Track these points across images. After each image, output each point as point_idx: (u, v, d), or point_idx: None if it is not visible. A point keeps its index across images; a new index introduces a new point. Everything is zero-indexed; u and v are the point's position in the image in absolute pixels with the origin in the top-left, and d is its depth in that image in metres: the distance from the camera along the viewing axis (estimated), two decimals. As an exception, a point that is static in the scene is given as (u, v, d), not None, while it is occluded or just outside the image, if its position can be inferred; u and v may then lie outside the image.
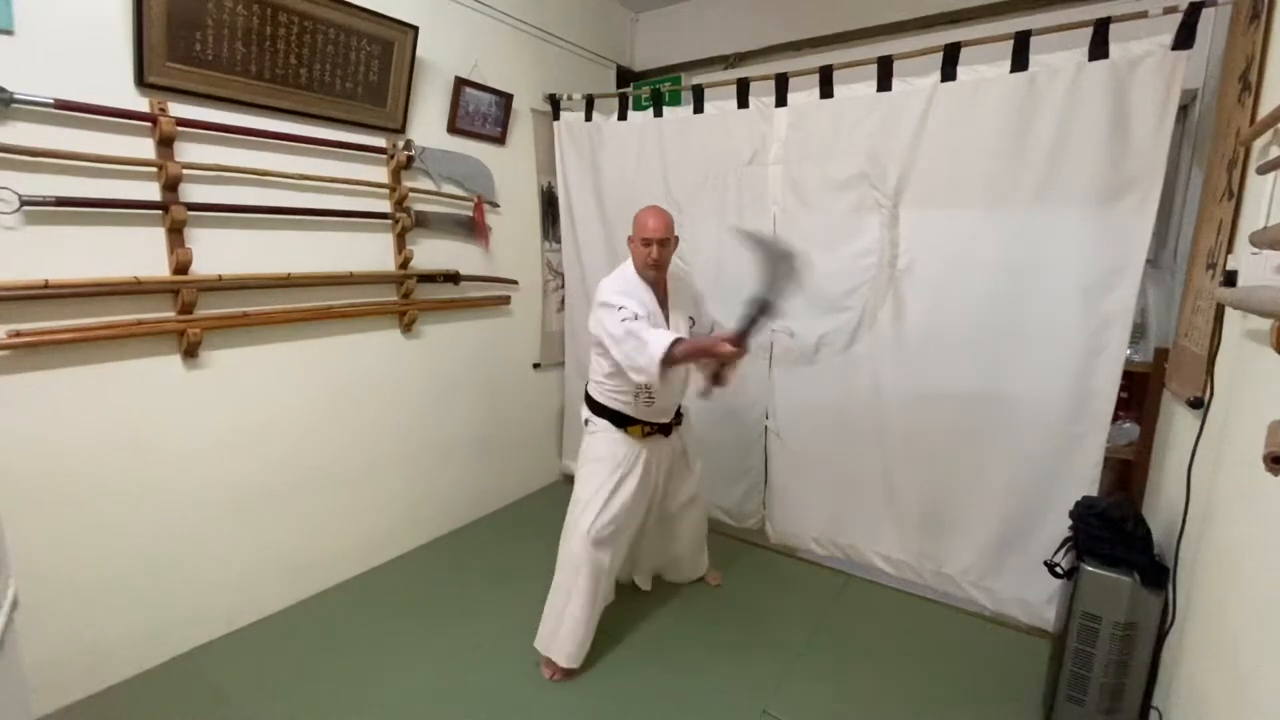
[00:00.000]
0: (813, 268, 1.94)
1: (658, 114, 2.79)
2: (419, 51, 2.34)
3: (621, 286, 1.87)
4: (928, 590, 2.41)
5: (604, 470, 1.92)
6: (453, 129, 2.66)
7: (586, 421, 2.02)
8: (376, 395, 2.49)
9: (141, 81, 1.75)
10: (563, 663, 1.90)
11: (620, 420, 1.95)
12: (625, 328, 1.73)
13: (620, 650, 2.06)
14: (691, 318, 2.04)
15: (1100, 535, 1.63)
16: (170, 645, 1.97)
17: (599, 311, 1.84)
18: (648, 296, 1.89)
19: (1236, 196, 1.40)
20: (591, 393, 2.01)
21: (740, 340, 1.65)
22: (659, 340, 1.67)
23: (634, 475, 1.94)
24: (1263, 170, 1.13)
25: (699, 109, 2.67)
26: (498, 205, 2.91)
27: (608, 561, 1.94)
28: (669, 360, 1.66)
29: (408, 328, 2.56)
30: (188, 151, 1.87)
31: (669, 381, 1.80)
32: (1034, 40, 1.96)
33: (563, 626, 1.90)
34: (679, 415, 2.09)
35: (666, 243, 1.88)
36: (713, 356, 1.70)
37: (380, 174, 2.41)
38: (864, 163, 2.27)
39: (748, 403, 2.72)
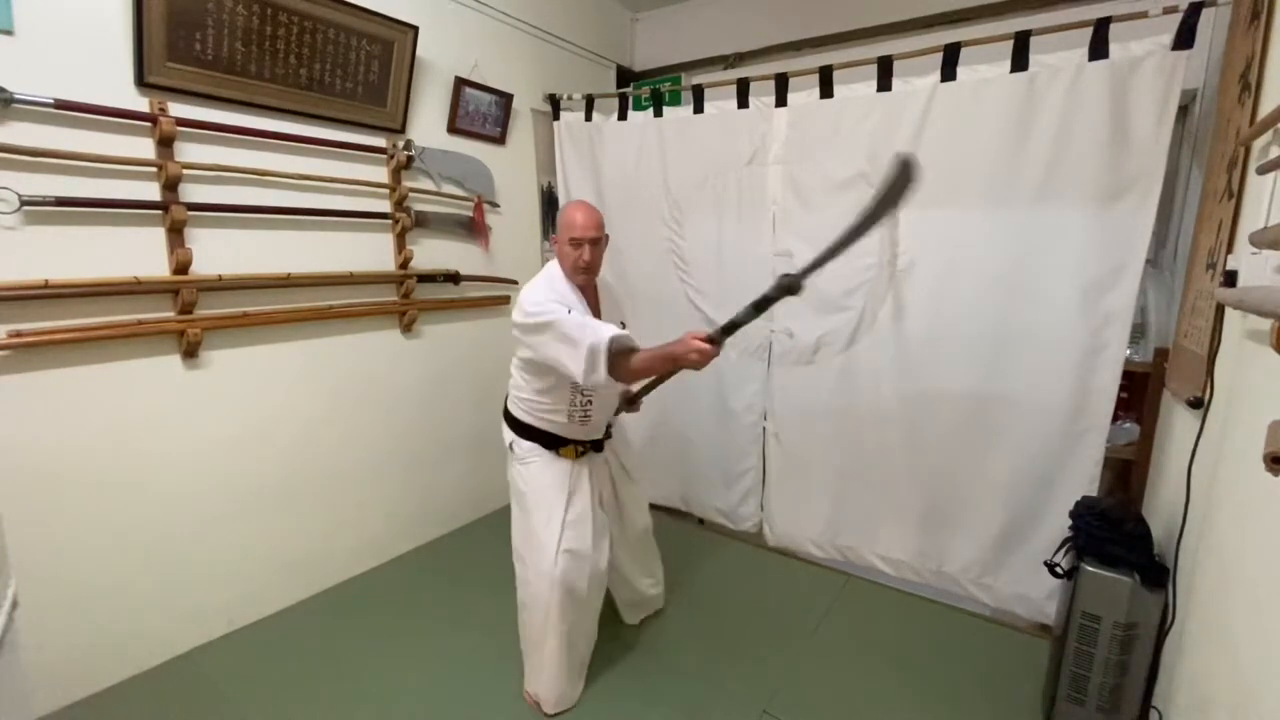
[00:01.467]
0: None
1: (658, 114, 2.79)
2: (419, 51, 2.34)
3: (549, 293, 1.64)
4: (927, 589, 2.41)
5: (551, 495, 1.73)
6: (453, 129, 2.66)
7: (511, 446, 1.79)
8: (376, 395, 2.49)
9: (141, 81, 1.75)
10: (550, 709, 1.76)
11: (551, 441, 1.76)
12: (576, 322, 1.53)
13: (619, 651, 2.05)
14: (623, 323, 1.80)
15: (1100, 535, 1.63)
16: (170, 645, 1.97)
17: (541, 328, 1.58)
18: (579, 303, 1.70)
19: (1236, 196, 1.40)
20: (515, 412, 1.79)
21: (718, 339, 1.48)
22: (607, 335, 1.50)
23: (581, 494, 1.76)
24: (1263, 170, 1.13)
25: (699, 109, 2.67)
26: (498, 205, 2.91)
27: (580, 592, 1.73)
28: (623, 365, 1.52)
29: (408, 328, 2.56)
30: (188, 151, 1.87)
31: (608, 395, 1.75)
32: (1034, 40, 1.96)
33: (544, 672, 1.75)
34: (609, 430, 1.92)
35: (598, 242, 1.69)
36: (678, 363, 1.52)
37: (380, 174, 2.41)
38: (864, 163, 2.27)
39: (746, 404, 2.72)
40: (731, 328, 1.48)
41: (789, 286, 1.40)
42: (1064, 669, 1.66)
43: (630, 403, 1.96)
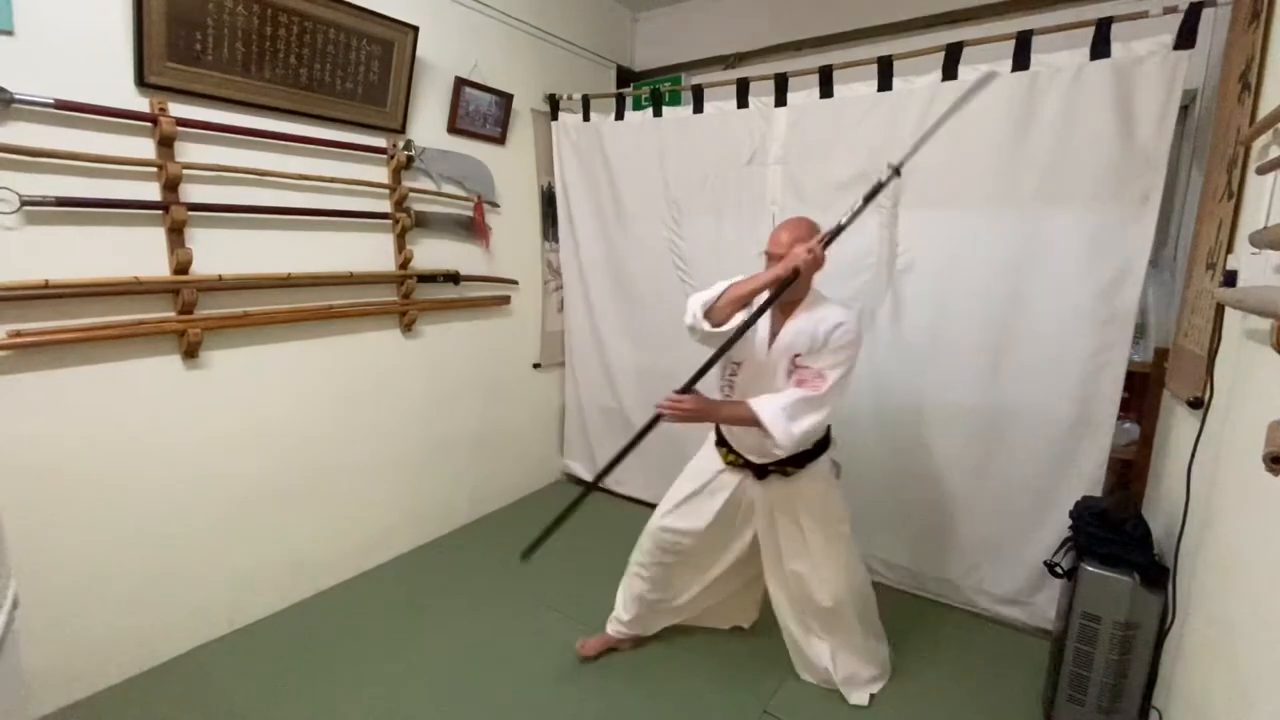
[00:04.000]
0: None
1: (657, 114, 2.79)
2: (419, 51, 2.34)
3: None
4: (927, 593, 2.41)
5: (684, 481, 1.91)
6: (453, 129, 2.66)
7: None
8: (376, 395, 2.49)
9: (141, 81, 1.75)
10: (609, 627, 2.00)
11: (718, 436, 1.86)
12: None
13: (621, 651, 2.05)
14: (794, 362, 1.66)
15: (1100, 535, 1.63)
16: (170, 645, 1.97)
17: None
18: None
19: (1236, 196, 1.40)
20: None
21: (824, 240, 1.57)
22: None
23: (711, 497, 1.83)
24: (1263, 170, 1.13)
25: (699, 109, 2.67)
26: (498, 205, 2.91)
27: (654, 552, 1.90)
28: (714, 306, 1.63)
29: (408, 328, 2.56)
30: (188, 151, 1.87)
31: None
32: (1035, 40, 1.96)
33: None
34: (787, 470, 1.73)
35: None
36: (779, 275, 1.54)
37: (380, 174, 2.41)
38: (864, 163, 2.27)
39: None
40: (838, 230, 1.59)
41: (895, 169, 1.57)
42: (1064, 669, 1.66)
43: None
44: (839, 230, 1.59)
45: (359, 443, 2.45)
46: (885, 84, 2.21)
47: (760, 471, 1.77)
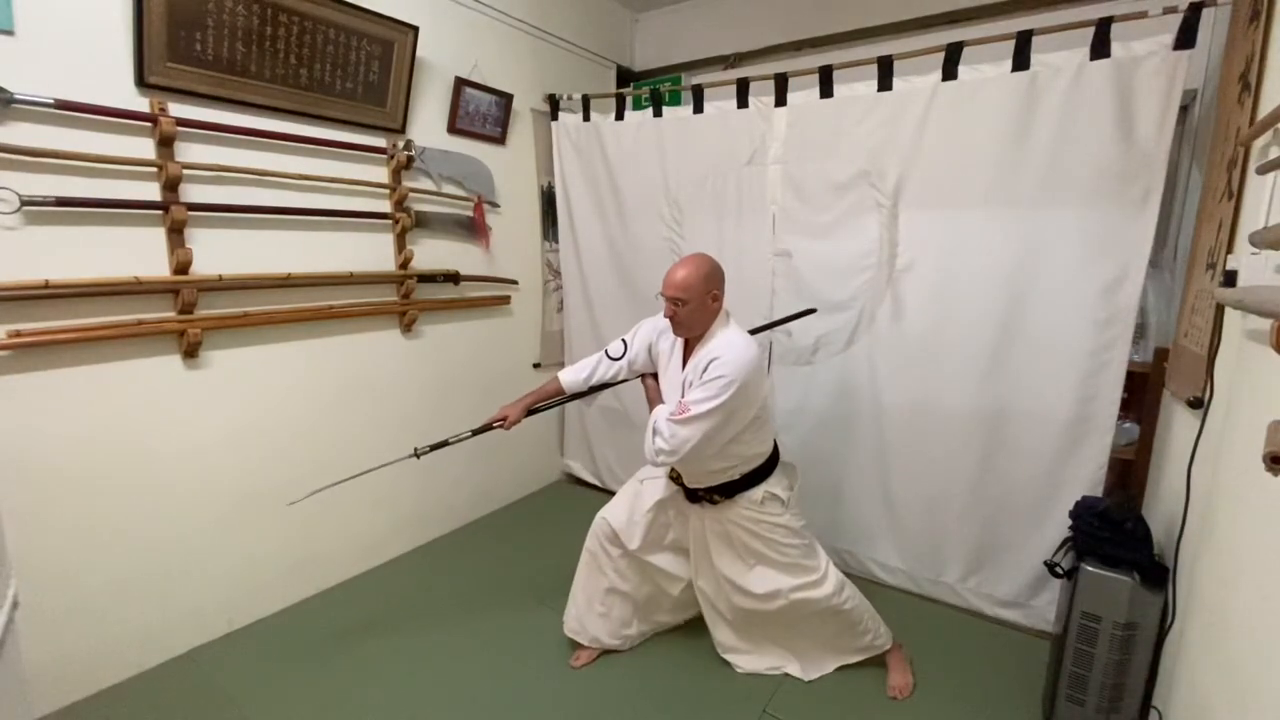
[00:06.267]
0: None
1: (657, 114, 2.79)
2: (419, 51, 2.34)
3: (646, 324, 1.97)
4: (925, 595, 2.40)
5: (631, 480, 2.04)
6: (453, 129, 2.66)
7: None
8: (376, 395, 2.49)
9: (141, 81, 1.75)
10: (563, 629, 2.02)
11: None
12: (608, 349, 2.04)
13: (620, 650, 2.05)
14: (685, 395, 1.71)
15: (1100, 535, 1.63)
16: (170, 645, 1.98)
17: None
18: (669, 348, 1.86)
19: (1236, 196, 1.40)
20: None
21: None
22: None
23: (650, 492, 1.94)
24: (1262, 170, 1.13)
25: (699, 109, 2.67)
26: (498, 205, 2.91)
27: (593, 548, 1.98)
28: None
29: (408, 328, 2.56)
30: (188, 151, 1.87)
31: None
32: (1035, 40, 1.96)
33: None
34: (714, 498, 1.81)
35: (676, 302, 1.66)
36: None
37: (380, 174, 2.41)
38: (864, 162, 2.27)
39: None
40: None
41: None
42: (1064, 669, 1.66)
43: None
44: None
45: (359, 443, 2.45)
46: (885, 84, 2.21)
47: (691, 495, 1.86)
